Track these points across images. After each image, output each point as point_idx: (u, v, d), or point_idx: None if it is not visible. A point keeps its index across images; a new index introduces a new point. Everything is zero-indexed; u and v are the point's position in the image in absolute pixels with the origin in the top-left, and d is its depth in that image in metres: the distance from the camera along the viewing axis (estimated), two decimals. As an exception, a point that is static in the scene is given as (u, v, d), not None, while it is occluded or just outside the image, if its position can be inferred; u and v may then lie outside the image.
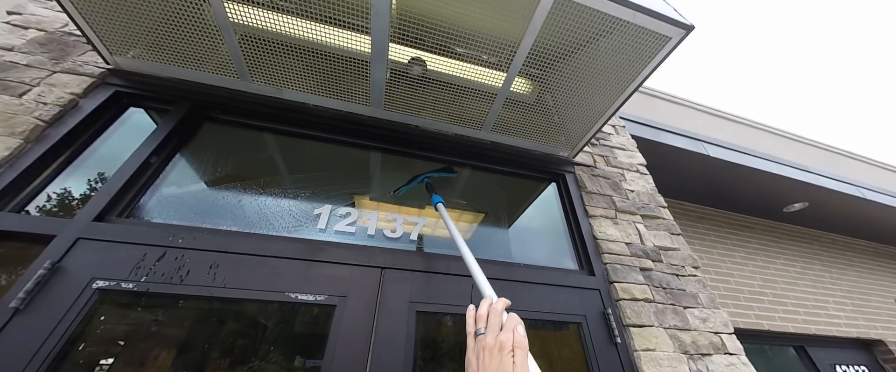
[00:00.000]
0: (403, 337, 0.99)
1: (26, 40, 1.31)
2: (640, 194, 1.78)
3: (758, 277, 2.86)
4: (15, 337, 0.77)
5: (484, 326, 0.55)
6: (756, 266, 2.95)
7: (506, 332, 0.52)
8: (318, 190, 1.35)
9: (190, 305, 0.96)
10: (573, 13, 1.10)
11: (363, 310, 1.01)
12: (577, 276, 1.37)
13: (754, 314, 2.44)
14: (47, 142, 1.09)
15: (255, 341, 0.97)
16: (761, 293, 2.71)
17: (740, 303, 2.46)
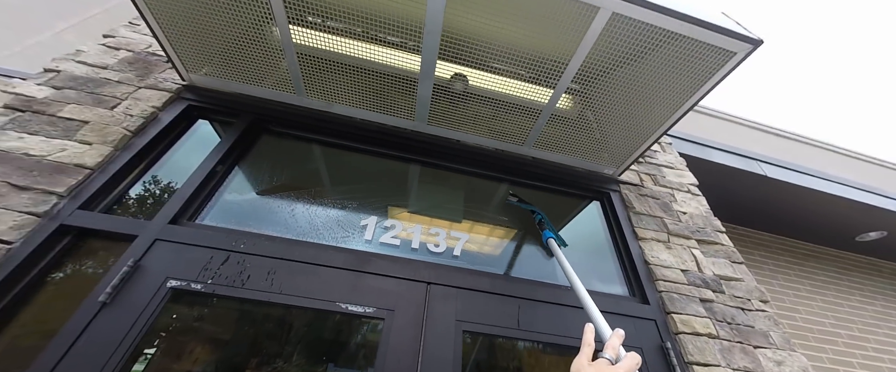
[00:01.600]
0: (451, 357, 0.96)
1: (118, 60, 1.48)
2: (693, 217, 1.66)
3: (829, 314, 2.54)
4: (102, 328, 0.84)
5: (612, 356, 0.52)
6: (826, 302, 2.63)
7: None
8: (364, 201, 1.38)
9: (249, 307, 1.00)
10: (629, 29, 1.07)
11: (410, 325, 1.00)
12: (628, 303, 1.28)
13: (827, 358, 2.15)
14: (132, 150, 1.21)
15: (306, 348, 0.98)
16: (834, 334, 2.39)
17: (810, 343, 2.18)
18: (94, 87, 1.34)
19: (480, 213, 1.49)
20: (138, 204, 1.18)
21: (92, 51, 1.48)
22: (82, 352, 0.80)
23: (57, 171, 1.06)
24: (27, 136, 1.13)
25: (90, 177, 1.10)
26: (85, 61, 1.43)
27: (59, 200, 1.02)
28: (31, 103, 1.23)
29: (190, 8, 1.21)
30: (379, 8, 1.13)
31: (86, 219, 1.01)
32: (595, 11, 1.02)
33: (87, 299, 0.87)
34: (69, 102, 1.26)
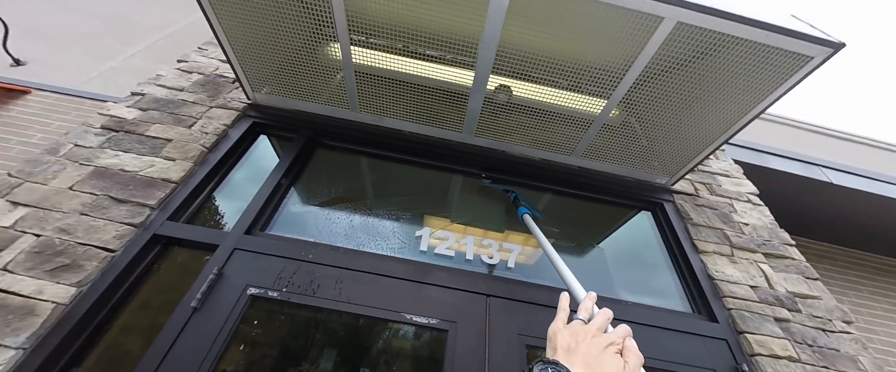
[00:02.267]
0: (516, 357, 0.95)
1: (191, 82, 1.62)
2: (757, 228, 1.56)
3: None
4: (195, 331, 0.90)
5: (585, 317, 0.50)
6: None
7: (617, 333, 0.46)
8: (416, 212, 1.41)
9: (319, 315, 1.04)
10: (692, 36, 1.04)
11: (474, 338, 1.00)
12: (694, 321, 1.21)
13: None
14: (208, 165, 1.31)
15: (372, 356, 1.00)
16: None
17: (893, 368, 1.96)
18: (173, 107, 1.47)
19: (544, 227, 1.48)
20: (214, 215, 1.27)
21: (169, 75, 1.64)
22: (179, 354, 0.87)
23: (148, 185, 1.17)
24: (122, 154, 1.26)
25: (175, 190, 1.20)
26: (164, 85, 1.57)
27: (151, 211, 1.12)
28: (123, 124, 1.37)
29: (258, 32, 1.31)
30: (435, 26, 1.17)
31: (174, 229, 1.11)
32: (658, 22, 1.00)
33: (180, 305, 0.94)
34: (154, 122, 1.39)
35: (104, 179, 1.16)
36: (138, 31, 3.73)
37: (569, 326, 0.47)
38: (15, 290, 0.89)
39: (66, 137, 1.28)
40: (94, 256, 0.99)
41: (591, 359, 0.41)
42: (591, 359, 0.41)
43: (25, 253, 0.97)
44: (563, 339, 0.44)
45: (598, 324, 0.47)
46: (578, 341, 0.43)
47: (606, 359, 0.41)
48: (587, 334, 0.44)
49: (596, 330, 0.45)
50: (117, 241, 1.03)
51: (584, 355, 0.41)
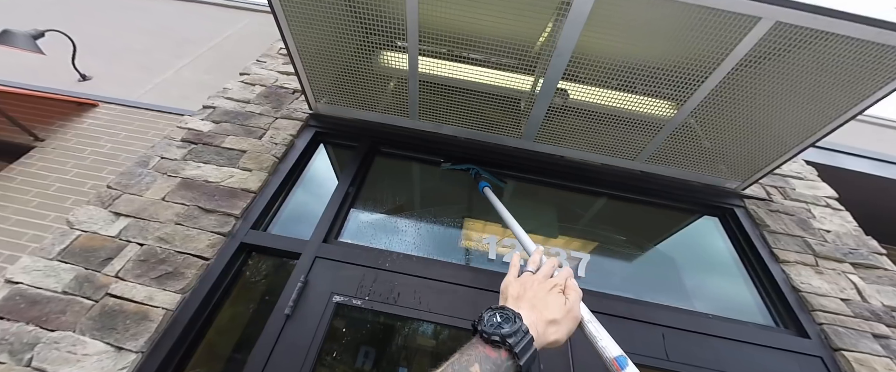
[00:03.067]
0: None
1: (256, 94, 1.70)
2: (840, 236, 1.46)
3: None
4: (289, 338, 0.94)
5: (533, 268, 0.54)
6: None
7: (559, 276, 0.52)
8: (478, 219, 1.41)
9: (397, 323, 1.06)
10: (788, 36, 0.98)
11: (558, 356, 0.98)
12: (782, 336, 1.15)
13: None
14: (280, 174, 1.36)
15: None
16: None
17: None
18: (242, 119, 1.54)
19: (595, 231, 1.45)
20: (290, 223, 1.32)
21: (235, 88, 1.72)
22: (278, 361, 0.91)
23: (231, 195, 1.23)
24: (203, 166, 1.33)
25: (254, 200, 1.26)
26: (232, 97, 1.65)
27: (236, 221, 1.18)
28: (201, 136, 1.44)
29: (323, 44, 1.35)
30: (504, 34, 1.17)
31: (258, 237, 1.16)
32: (754, 22, 0.95)
33: (273, 313, 0.99)
34: (228, 134, 1.46)
35: (192, 190, 1.23)
36: (183, 45, 3.94)
37: (519, 278, 0.52)
38: (129, 296, 0.96)
39: (152, 150, 1.37)
40: (192, 264, 1.05)
41: (536, 301, 0.47)
42: (537, 301, 0.47)
43: (133, 261, 1.04)
44: (514, 289, 0.50)
45: (544, 272, 0.52)
46: (526, 289, 0.49)
47: (550, 299, 0.47)
48: (534, 282, 0.50)
49: (542, 277, 0.51)
50: (210, 249, 1.09)
51: (531, 299, 0.47)
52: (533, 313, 0.44)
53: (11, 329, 0.89)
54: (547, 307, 0.46)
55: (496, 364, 0.37)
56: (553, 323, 0.45)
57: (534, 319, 0.43)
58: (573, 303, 0.48)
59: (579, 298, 0.50)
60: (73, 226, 1.11)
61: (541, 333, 0.43)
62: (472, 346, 0.40)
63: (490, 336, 0.39)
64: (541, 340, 0.43)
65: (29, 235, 2.00)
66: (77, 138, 2.56)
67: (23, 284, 0.97)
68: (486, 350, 0.39)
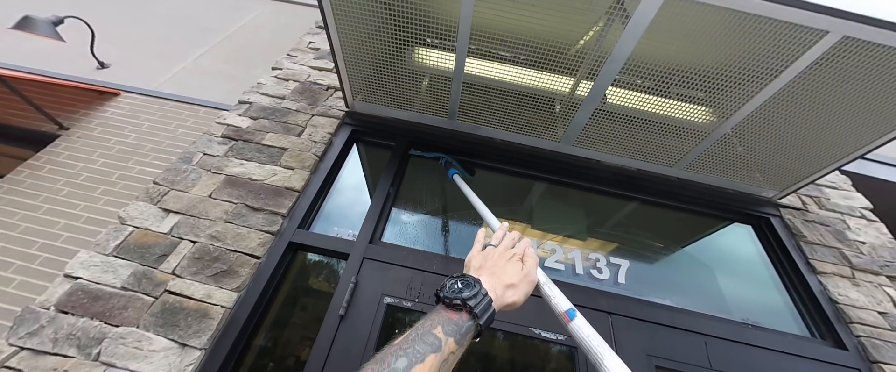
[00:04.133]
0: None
1: (290, 90, 1.69)
2: (876, 248, 1.46)
3: None
4: (344, 337, 0.96)
5: (496, 243, 0.58)
6: None
7: (518, 247, 0.56)
8: (516, 222, 1.42)
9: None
10: (855, 50, 0.97)
11: (606, 357, 1.00)
12: (818, 347, 1.16)
13: None
14: (321, 173, 1.37)
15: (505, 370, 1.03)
16: None
17: None
18: (280, 116, 1.54)
19: (631, 237, 1.45)
20: (332, 222, 1.33)
21: (269, 83, 1.71)
22: (339, 355, 0.93)
23: (276, 194, 1.24)
24: (246, 163, 1.34)
25: (299, 199, 1.27)
26: (267, 93, 1.65)
27: (283, 220, 1.19)
28: (241, 133, 1.45)
29: (365, 42, 1.34)
30: (552, 34, 1.15)
31: (305, 237, 1.17)
32: (820, 36, 0.93)
33: (328, 313, 1.00)
34: (267, 131, 1.46)
35: (238, 188, 1.24)
36: (200, 33, 3.91)
37: (482, 252, 0.55)
38: (188, 294, 0.98)
39: (194, 146, 1.38)
40: (245, 263, 1.06)
41: (496, 269, 0.50)
42: (497, 268, 0.50)
43: (187, 258, 1.06)
44: (476, 261, 0.53)
45: (504, 244, 0.56)
46: (487, 259, 0.52)
47: (509, 266, 0.51)
48: (494, 253, 0.53)
49: (502, 250, 0.54)
50: (261, 248, 1.10)
51: (491, 268, 0.50)
52: (492, 279, 0.48)
53: (78, 324, 0.91)
54: (505, 272, 0.49)
55: (458, 325, 0.40)
56: (510, 287, 0.48)
57: (492, 284, 0.47)
58: (529, 268, 0.52)
59: (536, 264, 0.53)
60: (124, 222, 1.12)
61: (499, 295, 0.46)
62: (435, 311, 0.42)
63: (451, 300, 0.42)
64: (499, 301, 0.46)
65: (61, 224, 2.02)
66: (101, 128, 2.56)
67: (83, 279, 0.99)
68: (448, 314, 0.41)
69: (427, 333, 0.38)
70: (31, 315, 0.91)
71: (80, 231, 2.02)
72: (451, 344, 0.38)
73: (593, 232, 1.45)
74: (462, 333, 0.40)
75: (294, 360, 1.00)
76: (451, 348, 0.38)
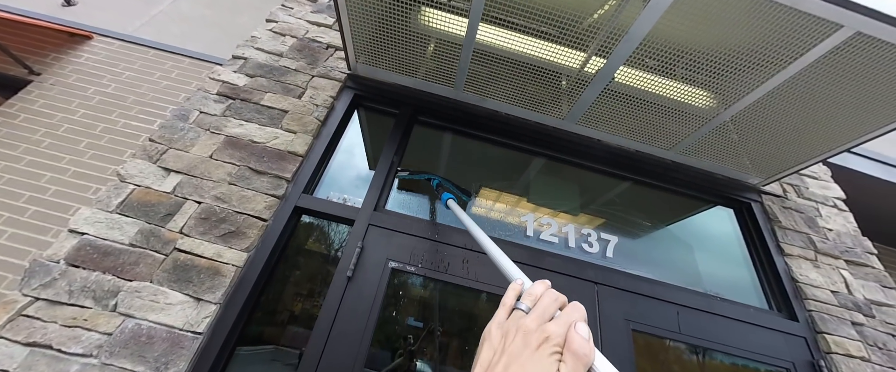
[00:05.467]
0: (627, 355, 1.08)
1: (288, 47, 1.59)
2: (840, 235, 1.59)
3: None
4: (351, 298, 1.03)
5: (530, 305, 0.38)
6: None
7: (558, 323, 0.34)
8: (516, 196, 1.46)
9: (448, 288, 1.16)
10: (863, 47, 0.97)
11: (589, 324, 1.11)
12: (774, 317, 1.31)
13: None
14: (323, 138, 1.35)
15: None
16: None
17: None
18: (278, 75, 1.47)
19: (622, 214, 1.53)
20: (336, 188, 1.34)
21: (264, 37, 1.60)
22: (345, 316, 1.00)
23: (279, 157, 1.23)
24: (246, 124, 1.30)
25: (302, 164, 1.26)
26: (262, 48, 1.55)
27: (288, 184, 1.20)
28: (237, 91, 1.38)
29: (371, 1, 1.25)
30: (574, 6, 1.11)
31: (310, 202, 1.19)
32: (834, 29, 0.93)
33: (336, 274, 1.06)
34: (265, 91, 1.40)
35: (239, 150, 1.22)
36: (178, -30, 3.51)
37: (501, 322, 0.37)
38: (198, 252, 1.01)
39: (189, 103, 1.32)
40: (252, 225, 1.08)
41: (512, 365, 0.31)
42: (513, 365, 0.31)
43: (194, 218, 1.07)
44: (489, 346, 0.35)
45: (537, 312, 0.36)
46: (506, 343, 0.34)
47: (531, 365, 0.31)
48: (519, 332, 0.34)
49: (533, 323, 0.34)
50: (267, 211, 1.12)
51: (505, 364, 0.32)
52: None
53: (91, 277, 0.93)
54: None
55: None
56: None
57: None
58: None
59: (586, 365, 0.32)
60: (124, 179, 1.10)
61: None
62: None
63: None
64: None
65: (47, 177, 1.96)
66: (76, 74, 2.38)
67: (89, 235, 0.99)
68: None
69: None
70: (40, 268, 0.93)
71: (68, 185, 1.97)
72: None
73: (587, 208, 1.51)
74: None
75: (303, 316, 1.07)
76: None
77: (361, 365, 0.94)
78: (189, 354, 0.87)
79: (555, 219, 1.40)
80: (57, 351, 0.84)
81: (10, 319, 0.86)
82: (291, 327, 1.07)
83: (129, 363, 0.84)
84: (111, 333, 0.87)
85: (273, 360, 1.03)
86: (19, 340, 0.84)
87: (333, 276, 1.05)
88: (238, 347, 0.98)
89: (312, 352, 0.94)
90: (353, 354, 0.95)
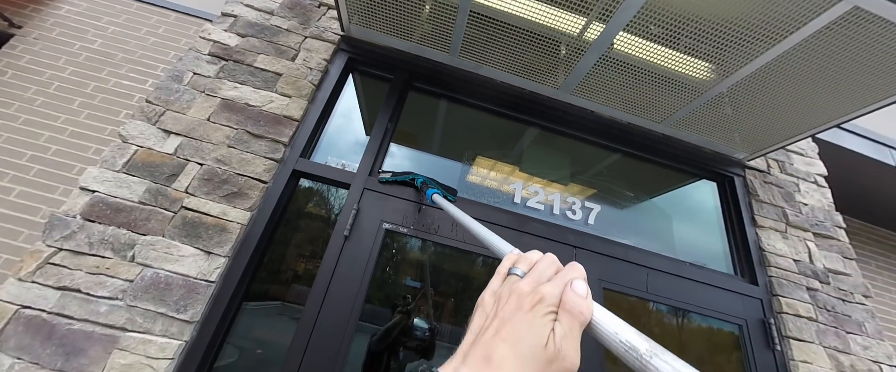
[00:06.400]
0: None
1: (278, 4, 1.53)
2: (814, 210, 1.67)
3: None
4: (348, 254, 1.12)
5: (525, 270, 0.35)
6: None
7: (553, 284, 0.32)
8: (506, 164, 1.51)
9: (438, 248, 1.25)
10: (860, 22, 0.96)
11: (567, 280, 1.22)
12: (737, 282, 1.43)
13: None
14: (318, 103, 1.36)
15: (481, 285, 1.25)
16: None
17: None
18: (270, 35, 1.43)
19: (608, 185, 1.59)
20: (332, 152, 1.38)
21: (253, -8, 1.53)
22: (343, 272, 1.10)
23: (275, 122, 1.26)
24: (240, 86, 1.30)
25: (299, 128, 1.29)
26: (251, 5, 1.49)
27: (285, 148, 1.23)
28: (229, 52, 1.36)
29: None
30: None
31: (308, 166, 1.24)
32: (832, 3, 0.92)
33: (334, 234, 1.14)
34: (258, 52, 1.38)
35: (235, 113, 1.24)
36: None
37: (494, 290, 0.35)
38: (205, 211, 1.08)
39: (181, 64, 1.31)
40: (253, 186, 1.14)
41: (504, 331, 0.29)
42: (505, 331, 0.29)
43: (198, 179, 1.12)
44: (482, 312, 0.33)
45: (533, 276, 0.34)
46: (499, 307, 0.32)
47: (523, 326, 0.29)
48: (513, 296, 0.32)
49: (529, 282, 0.33)
50: (267, 174, 1.17)
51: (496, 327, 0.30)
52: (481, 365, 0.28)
53: (107, 231, 1.01)
54: (520, 344, 0.28)
55: None
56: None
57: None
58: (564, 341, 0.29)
59: (580, 325, 0.30)
60: (126, 140, 1.14)
61: None
62: None
63: None
64: None
65: (45, 136, 1.98)
66: (59, 28, 2.29)
67: (100, 192, 1.05)
68: None
69: None
70: (59, 221, 1.00)
71: (67, 144, 2.00)
72: None
73: (576, 178, 1.57)
74: None
75: (305, 274, 1.17)
76: None
77: (357, 315, 1.06)
78: (204, 299, 0.97)
79: (542, 188, 1.47)
80: (86, 294, 0.94)
81: (39, 267, 0.95)
82: (295, 285, 1.17)
83: (151, 305, 0.95)
84: (132, 280, 0.97)
85: (279, 314, 1.15)
86: (50, 284, 0.94)
87: (331, 235, 1.13)
88: (245, 302, 1.09)
89: (312, 304, 1.05)
90: (349, 305, 1.06)
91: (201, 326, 0.97)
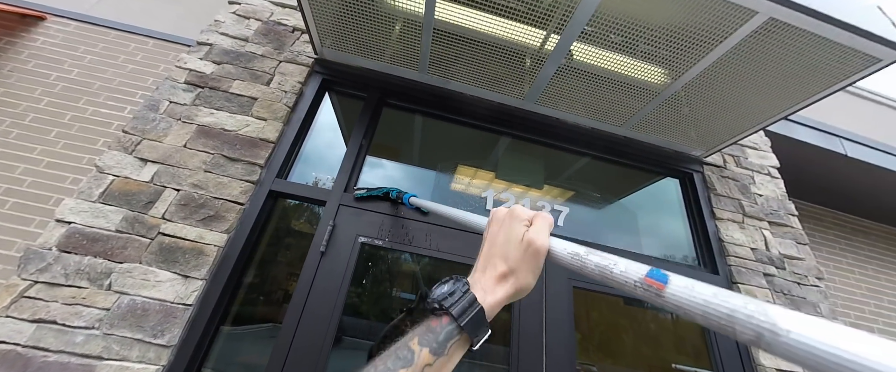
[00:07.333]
0: (566, 307, 1.26)
1: (253, 31, 1.60)
2: (769, 200, 1.79)
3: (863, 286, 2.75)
4: (327, 269, 1.16)
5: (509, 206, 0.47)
6: (863, 274, 2.81)
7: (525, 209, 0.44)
8: (477, 173, 1.58)
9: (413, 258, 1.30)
10: (781, 32, 1.08)
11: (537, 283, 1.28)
12: (700, 273, 1.52)
13: (877, 329, 2.45)
14: (293, 124, 1.42)
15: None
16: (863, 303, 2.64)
17: (865, 315, 2.45)
18: (245, 61, 1.49)
19: (575, 187, 1.68)
20: (309, 171, 1.43)
21: (228, 21, 1.59)
22: (320, 286, 1.14)
23: (251, 145, 1.30)
24: (216, 112, 1.35)
25: (274, 149, 1.34)
26: (227, 33, 1.55)
27: (261, 170, 1.28)
28: (205, 79, 1.41)
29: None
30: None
31: (284, 186, 1.28)
32: (750, 15, 1.03)
33: (310, 250, 1.18)
34: (233, 78, 1.44)
35: (212, 139, 1.28)
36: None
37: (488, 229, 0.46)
38: (182, 235, 1.11)
39: (158, 93, 1.35)
40: (230, 209, 1.18)
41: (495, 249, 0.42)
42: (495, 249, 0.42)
43: (175, 205, 1.15)
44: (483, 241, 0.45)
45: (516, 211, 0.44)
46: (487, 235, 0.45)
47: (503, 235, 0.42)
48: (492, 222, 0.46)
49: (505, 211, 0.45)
50: (244, 196, 1.21)
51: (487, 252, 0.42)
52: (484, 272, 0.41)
53: (84, 261, 1.03)
54: (502, 250, 0.41)
55: (435, 332, 0.36)
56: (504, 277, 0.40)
57: (479, 277, 0.40)
58: (534, 233, 0.41)
59: (546, 227, 0.42)
60: (103, 170, 1.17)
61: (489, 287, 0.39)
62: (421, 322, 0.39)
63: (430, 305, 0.39)
64: (491, 297, 0.39)
65: (21, 168, 1.97)
66: (35, 60, 2.30)
67: (76, 223, 1.07)
68: (430, 321, 0.38)
69: (403, 346, 0.35)
70: (35, 255, 1.02)
71: (44, 176, 1.99)
72: (426, 356, 0.34)
73: (549, 182, 1.65)
74: (440, 341, 0.36)
75: (281, 288, 1.20)
76: (425, 360, 0.34)
77: (335, 329, 1.10)
78: (182, 322, 1.00)
79: (513, 193, 1.54)
80: (61, 325, 0.96)
81: (14, 301, 0.96)
82: (286, 305, 1.20)
83: (128, 332, 0.97)
84: (109, 309, 0.99)
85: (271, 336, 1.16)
86: (25, 317, 0.95)
87: (308, 250, 1.18)
88: (234, 326, 1.11)
89: (290, 320, 1.08)
90: (326, 319, 1.10)
91: (178, 349, 0.99)
